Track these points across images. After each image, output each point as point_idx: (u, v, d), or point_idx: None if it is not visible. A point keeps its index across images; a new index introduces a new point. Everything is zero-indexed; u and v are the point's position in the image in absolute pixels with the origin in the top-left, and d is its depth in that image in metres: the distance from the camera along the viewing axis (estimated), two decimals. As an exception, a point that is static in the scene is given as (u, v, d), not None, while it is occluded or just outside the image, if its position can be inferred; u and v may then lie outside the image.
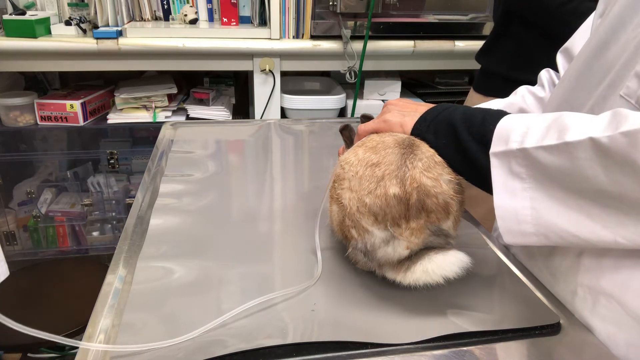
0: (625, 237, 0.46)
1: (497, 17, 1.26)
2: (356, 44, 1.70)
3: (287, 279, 0.62)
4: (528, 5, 1.15)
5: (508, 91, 0.85)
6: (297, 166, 1.01)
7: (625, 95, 0.50)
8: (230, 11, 1.78)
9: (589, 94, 0.57)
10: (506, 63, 1.22)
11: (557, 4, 1.07)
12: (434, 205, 0.54)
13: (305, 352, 0.50)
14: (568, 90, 0.63)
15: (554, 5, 1.08)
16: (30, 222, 1.92)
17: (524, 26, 1.17)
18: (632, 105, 0.49)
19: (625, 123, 0.42)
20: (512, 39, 1.20)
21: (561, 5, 1.06)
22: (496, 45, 1.26)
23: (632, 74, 0.50)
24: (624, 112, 0.43)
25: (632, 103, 0.50)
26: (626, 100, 0.50)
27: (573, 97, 0.61)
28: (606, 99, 0.54)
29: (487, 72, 1.30)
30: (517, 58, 1.19)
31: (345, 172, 0.59)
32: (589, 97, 0.57)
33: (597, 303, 0.53)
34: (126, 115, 1.75)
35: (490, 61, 1.28)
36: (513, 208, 0.51)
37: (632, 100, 0.50)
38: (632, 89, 0.50)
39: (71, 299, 1.31)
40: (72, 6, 1.73)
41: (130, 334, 0.51)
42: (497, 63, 1.25)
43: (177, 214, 0.76)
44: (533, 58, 1.14)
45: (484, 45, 1.32)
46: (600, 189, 0.45)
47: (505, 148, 0.51)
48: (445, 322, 0.54)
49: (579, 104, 0.59)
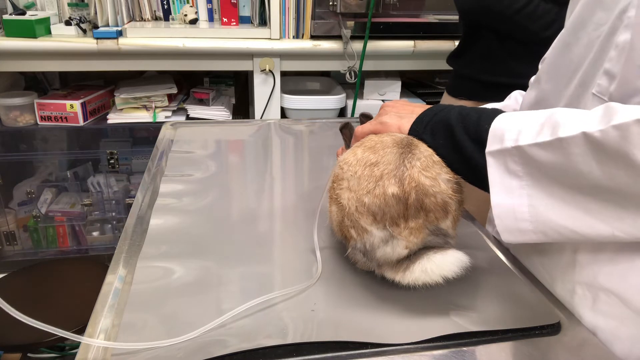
0: (623, 231, 0.47)
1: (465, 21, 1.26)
2: (356, 44, 1.70)
3: (287, 279, 0.62)
4: (484, 15, 1.13)
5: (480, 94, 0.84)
6: (297, 166, 1.01)
7: (598, 93, 0.52)
8: (230, 11, 1.78)
9: (559, 94, 0.59)
10: (476, 66, 1.20)
11: (511, 12, 1.05)
12: (432, 205, 0.54)
13: (305, 352, 0.50)
14: (539, 91, 0.64)
15: (508, 13, 1.05)
16: (30, 222, 1.92)
17: (490, 30, 1.15)
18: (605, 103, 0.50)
19: (616, 116, 0.42)
20: (481, 42, 1.18)
21: (516, 12, 1.04)
22: (466, 49, 1.24)
23: (602, 72, 0.51)
24: (615, 106, 0.44)
25: (605, 100, 0.51)
26: (599, 98, 0.51)
27: (544, 98, 0.63)
28: (579, 98, 0.55)
29: (459, 75, 1.28)
30: (487, 61, 1.17)
31: (344, 172, 0.59)
32: (559, 97, 0.59)
33: (598, 300, 0.54)
34: (126, 115, 1.75)
35: (461, 64, 1.26)
36: (510, 206, 0.51)
37: (605, 97, 0.51)
38: (603, 87, 0.51)
39: (71, 299, 1.31)
40: (72, 6, 1.73)
41: (131, 334, 0.51)
42: (468, 66, 1.23)
43: (177, 214, 0.76)
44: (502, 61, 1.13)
45: (456, 48, 1.30)
46: (596, 184, 0.46)
47: (501, 147, 0.51)
48: (445, 322, 0.54)
49: (550, 104, 0.61)
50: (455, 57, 1.29)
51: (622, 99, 0.49)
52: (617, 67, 0.49)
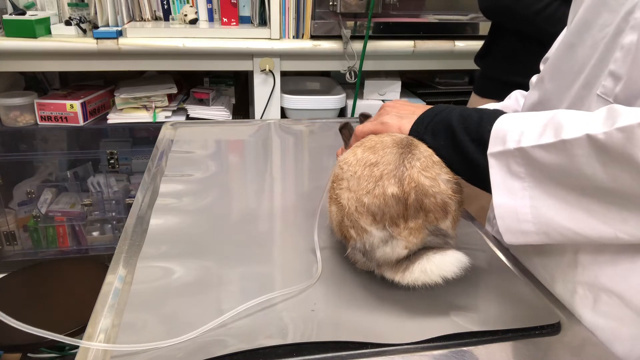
0: (626, 232, 0.47)
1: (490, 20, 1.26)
2: (356, 44, 1.70)
3: (287, 279, 0.62)
4: (505, 17, 1.14)
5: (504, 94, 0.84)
6: (297, 166, 1.01)
7: (602, 94, 0.52)
8: (230, 11, 1.78)
9: (562, 95, 0.59)
10: (502, 67, 1.21)
11: (530, 14, 1.05)
12: (432, 205, 0.54)
13: (305, 352, 0.50)
14: (542, 91, 0.64)
15: (527, 15, 1.06)
16: (30, 222, 1.92)
17: (513, 31, 1.15)
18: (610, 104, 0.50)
19: (620, 119, 0.42)
20: (504, 42, 1.19)
21: (535, 14, 1.04)
22: (492, 49, 1.25)
23: (607, 73, 0.51)
24: (619, 108, 0.44)
25: (610, 101, 0.50)
26: (604, 99, 0.51)
27: (547, 99, 0.63)
28: (583, 99, 0.55)
29: (485, 76, 1.29)
30: (512, 62, 1.18)
31: (343, 172, 0.59)
32: (562, 97, 0.59)
33: (599, 300, 0.54)
34: (126, 115, 1.75)
35: (488, 64, 1.27)
36: (513, 207, 0.51)
37: (609, 98, 0.51)
38: (608, 88, 0.51)
39: (71, 299, 1.31)
40: (72, 6, 1.73)
41: (131, 334, 0.51)
42: (494, 66, 1.24)
43: (177, 214, 0.76)
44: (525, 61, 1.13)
45: (481, 47, 1.31)
46: (599, 185, 0.46)
47: (503, 148, 0.51)
48: (445, 322, 0.54)
49: (553, 104, 0.60)
50: (481, 57, 1.30)
51: (628, 100, 0.49)
52: (622, 69, 0.49)
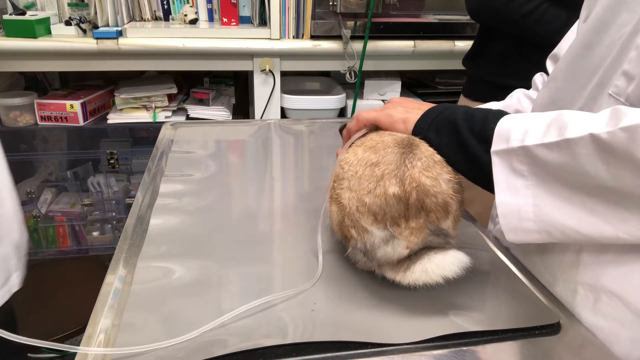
0: (627, 232, 0.47)
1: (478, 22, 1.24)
2: (356, 44, 1.70)
3: (287, 279, 0.62)
4: (493, 19, 1.12)
5: (497, 97, 0.83)
6: (297, 166, 1.01)
7: (615, 94, 0.51)
8: (230, 11, 1.78)
9: (576, 94, 0.58)
10: (492, 69, 1.19)
11: (518, 16, 1.04)
12: (433, 205, 0.54)
13: (305, 352, 0.50)
14: (555, 90, 0.64)
15: (515, 17, 1.05)
16: (30, 222, 1.92)
17: (503, 33, 1.14)
18: (621, 104, 0.50)
19: (624, 119, 0.42)
20: (494, 44, 1.17)
21: (523, 17, 1.03)
22: (481, 50, 1.23)
23: (620, 73, 0.51)
24: (623, 109, 0.43)
25: (621, 101, 0.50)
26: (615, 99, 0.51)
27: (560, 98, 0.62)
28: (596, 99, 0.55)
29: (474, 78, 1.27)
30: (500, 63, 1.16)
31: (344, 171, 0.59)
32: (576, 97, 0.58)
33: (599, 301, 0.54)
34: (126, 115, 1.75)
35: (477, 66, 1.25)
36: (515, 205, 0.51)
37: (621, 98, 0.51)
38: (621, 88, 0.51)
39: (71, 299, 1.31)
40: (72, 6, 1.73)
41: (130, 334, 0.51)
42: (484, 68, 1.22)
43: (177, 214, 0.76)
44: (515, 63, 1.12)
45: (470, 49, 1.29)
46: (602, 185, 0.46)
47: (507, 146, 0.51)
48: (445, 322, 0.54)
49: (566, 104, 0.60)
50: (470, 59, 1.28)
51: (639, 100, 0.49)
52: (636, 68, 0.49)
